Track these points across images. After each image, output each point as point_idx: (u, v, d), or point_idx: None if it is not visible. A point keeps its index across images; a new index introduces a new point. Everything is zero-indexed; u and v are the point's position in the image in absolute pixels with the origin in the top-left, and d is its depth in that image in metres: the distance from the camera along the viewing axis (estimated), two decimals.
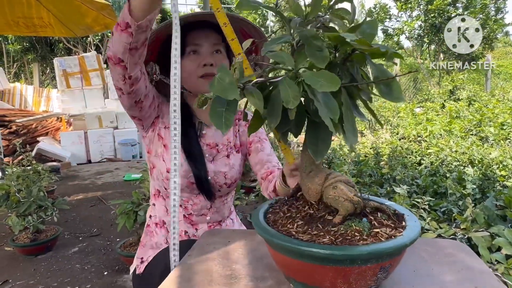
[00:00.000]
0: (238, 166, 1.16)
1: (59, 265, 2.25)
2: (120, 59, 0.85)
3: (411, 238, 0.58)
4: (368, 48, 0.61)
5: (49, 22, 4.90)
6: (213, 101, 0.54)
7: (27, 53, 10.61)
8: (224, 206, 1.18)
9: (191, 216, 1.12)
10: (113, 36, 0.84)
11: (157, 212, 1.15)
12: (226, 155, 1.14)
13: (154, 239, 1.15)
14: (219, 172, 1.11)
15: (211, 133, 1.13)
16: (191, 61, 1.05)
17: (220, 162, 1.13)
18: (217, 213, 1.15)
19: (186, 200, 1.11)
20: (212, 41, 1.06)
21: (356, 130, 0.64)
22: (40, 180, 2.69)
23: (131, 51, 0.84)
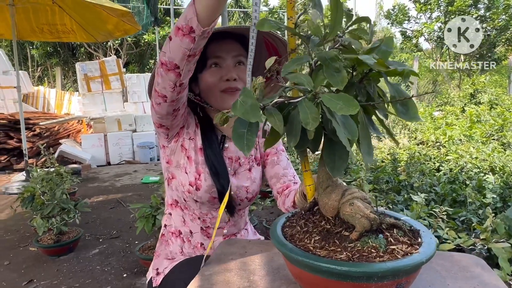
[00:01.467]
0: (259, 179, 1.16)
1: (81, 266, 2.32)
2: (176, 65, 0.82)
3: (427, 255, 0.59)
4: (386, 69, 0.62)
5: (72, 28, 5.06)
6: (235, 122, 0.56)
7: (50, 57, 10.96)
8: (241, 219, 1.18)
9: (208, 229, 1.12)
10: (170, 41, 0.80)
11: (174, 221, 1.15)
12: (248, 168, 1.13)
13: (169, 248, 1.15)
14: (241, 187, 1.10)
15: (234, 147, 1.11)
16: (213, 75, 1.03)
17: (242, 176, 1.12)
18: (234, 226, 1.16)
19: (205, 214, 1.10)
20: (234, 53, 1.03)
21: (372, 149, 0.65)
22: (63, 182, 2.78)
23: (189, 58, 0.81)
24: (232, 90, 1.03)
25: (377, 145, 4.41)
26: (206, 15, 0.74)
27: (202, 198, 1.05)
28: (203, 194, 1.05)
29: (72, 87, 12.26)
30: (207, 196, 1.05)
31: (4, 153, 5.51)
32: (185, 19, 0.75)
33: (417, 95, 0.64)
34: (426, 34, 11.27)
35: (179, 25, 0.77)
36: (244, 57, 1.05)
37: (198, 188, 1.04)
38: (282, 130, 0.57)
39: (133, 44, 11.64)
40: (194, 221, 1.11)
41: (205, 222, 1.11)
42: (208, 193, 1.05)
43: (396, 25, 12.15)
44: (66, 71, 12.15)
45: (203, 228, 1.12)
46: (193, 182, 1.05)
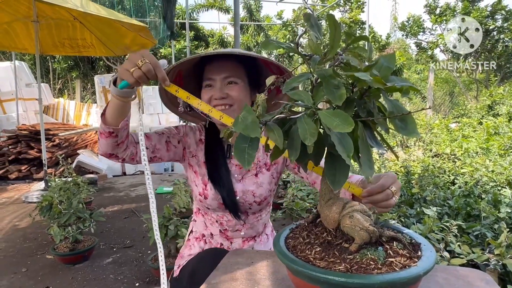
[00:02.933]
0: (267, 184, 1.21)
1: (95, 274, 2.37)
2: (111, 154, 1.04)
3: (425, 268, 0.60)
4: (383, 86, 0.65)
5: (92, 42, 5.26)
6: (237, 138, 0.59)
7: (71, 70, 11.33)
8: (258, 222, 1.24)
9: (226, 231, 1.21)
10: (99, 141, 1.02)
11: (198, 227, 1.26)
12: (255, 173, 1.21)
13: (191, 251, 1.25)
14: (247, 191, 1.18)
15: None
16: (205, 94, 1.13)
17: (249, 181, 1.19)
18: (251, 229, 1.22)
19: (221, 217, 1.20)
20: (224, 75, 1.11)
21: (373, 163, 0.67)
22: (79, 192, 2.86)
23: (119, 145, 1.02)
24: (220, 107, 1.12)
25: (390, 158, 4.37)
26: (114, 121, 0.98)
27: (211, 205, 1.17)
28: (211, 201, 1.16)
29: (91, 99, 12.62)
30: (215, 203, 1.16)
31: (25, 162, 5.69)
32: (101, 126, 0.99)
33: (414, 111, 0.66)
34: (441, 45, 11.16)
35: (100, 131, 1.00)
36: (236, 77, 1.13)
37: (206, 197, 1.17)
38: (282, 145, 0.60)
39: None
40: (213, 224, 1.22)
41: (222, 225, 1.21)
42: (216, 200, 1.16)
43: (411, 37, 12.09)
44: (85, 83, 12.53)
45: (221, 231, 1.22)
46: (201, 192, 1.18)
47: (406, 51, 17.42)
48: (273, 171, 1.24)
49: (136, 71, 0.86)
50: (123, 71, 0.88)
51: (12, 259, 2.64)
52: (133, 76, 0.86)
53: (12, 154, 5.63)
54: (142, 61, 0.86)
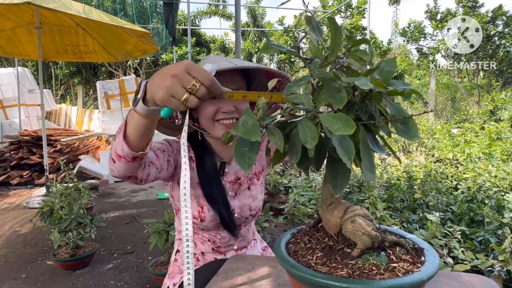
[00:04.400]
0: (260, 194, 1.20)
1: (95, 280, 2.35)
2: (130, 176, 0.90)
3: (428, 274, 0.59)
4: (384, 90, 0.64)
5: (94, 49, 5.29)
6: (237, 141, 0.59)
7: (73, 76, 11.39)
8: (249, 232, 1.23)
9: (219, 248, 1.17)
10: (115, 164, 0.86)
11: None
12: (247, 187, 1.18)
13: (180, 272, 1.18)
14: (244, 206, 1.15)
15: (233, 169, 1.16)
16: (211, 106, 1.03)
17: (243, 196, 1.17)
18: (244, 240, 1.21)
19: (214, 235, 1.15)
20: (233, 87, 1.02)
21: (374, 167, 0.66)
22: (80, 197, 2.85)
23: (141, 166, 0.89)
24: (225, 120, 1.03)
25: (392, 163, 4.36)
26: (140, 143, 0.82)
27: (208, 226, 1.11)
28: (208, 223, 1.10)
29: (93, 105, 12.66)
30: (212, 224, 1.11)
31: (27, 168, 5.70)
32: (122, 149, 0.81)
33: (416, 114, 0.66)
34: (442, 51, 11.18)
35: (119, 153, 0.83)
36: (243, 89, 1.08)
37: (203, 220, 1.09)
38: (283, 148, 0.59)
39: (152, 63, 11.99)
40: (204, 243, 1.16)
41: (215, 243, 1.16)
42: (214, 221, 1.10)
43: (412, 42, 12.11)
44: (88, 89, 12.59)
45: (214, 248, 1.17)
46: (197, 215, 1.10)
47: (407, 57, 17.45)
48: (262, 179, 1.24)
49: (191, 99, 0.66)
50: (167, 98, 0.66)
51: (12, 265, 2.63)
52: (185, 105, 0.66)
53: (14, 160, 5.63)
54: (196, 85, 0.66)
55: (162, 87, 0.67)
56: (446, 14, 10.89)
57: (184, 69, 0.66)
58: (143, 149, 0.83)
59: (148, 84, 0.71)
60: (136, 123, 0.77)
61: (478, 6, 10.68)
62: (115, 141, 0.83)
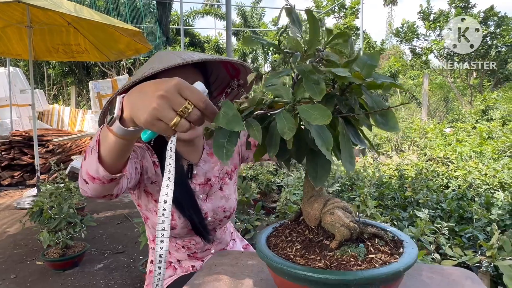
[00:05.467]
0: (233, 193, 1.17)
1: (85, 280, 2.34)
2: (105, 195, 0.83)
3: (405, 264, 0.59)
4: (362, 81, 0.64)
5: (85, 48, 5.25)
6: (216, 133, 0.59)
7: (66, 76, 11.31)
8: (225, 234, 1.20)
9: (195, 254, 1.13)
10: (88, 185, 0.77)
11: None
12: (219, 187, 1.14)
13: None
14: (217, 209, 1.12)
15: (202, 171, 1.12)
16: None
17: (215, 197, 1.13)
18: (221, 243, 1.18)
19: (188, 241, 1.11)
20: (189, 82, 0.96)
21: (353, 158, 0.66)
22: (71, 197, 2.83)
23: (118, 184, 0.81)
24: None
25: (385, 162, 4.38)
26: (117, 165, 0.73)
27: (180, 233, 1.06)
28: (180, 230, 1.05)
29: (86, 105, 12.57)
30: (184, 231, 1.06)
31: (18, 169, 5.64)
32: (96, 171, 0.72)
33: (394, 106, 0.66)
34: (435, 51, 11.26)
35: (93, 175, 0.73)
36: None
37: (174, 227, 1.04)
38: (261, 140, 0.59)
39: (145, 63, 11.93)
40: (179, 251, 1.12)
41: (190, 249, 1.12)
42: (185, 228, 1.05)
43: (405, 43, 12.19)
44: (81, 89, 12.50)
45: (190, 255, 1.13)
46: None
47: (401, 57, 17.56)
48: (235, 177, 1.21)
49: (182, 123, 0.57)
50: (153, 121, 0.56)
51: (1, 265, 2.60)
52: (174, 130, 0.58)
53: (5, 160, 5.58)
54: (189, 107, 0.57)
55: (147, 108, 0.56)
56: (439, 15, 10.98)
57: (174, 89, 0.57)
58: (120, 170, 0.75)
59: (126, 101, 0.61)
60: (111, 143, 0.67)
61: (470, 6, 10.78)
62: (86, 161, 0.73)
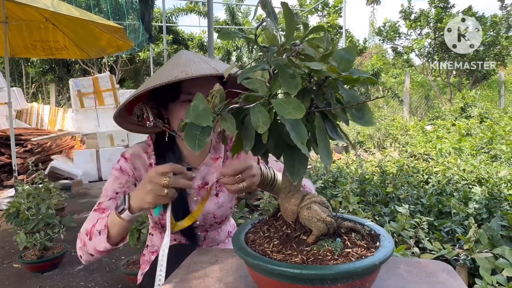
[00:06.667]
0: (227, 203, 1.16)
1: (64, 282, 2.28)
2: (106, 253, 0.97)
3: (381, 258, 0.59)
4: (338, 75, 0.64)
5: (65, 45, 5.12)
6: (188, 126, 0.58)
7: (45, 74, 11.02)
8: (219, 234, 1.20)
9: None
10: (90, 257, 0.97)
11: (155, 241, 1.19)
12: (215, 193, 1.15)
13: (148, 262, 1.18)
14: (207, 214, 1.12)
15: (200, 174, 1.13)
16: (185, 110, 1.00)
17: (209, 202, 1.12)
18: (213, 242, 1.18)
19: (179, 237, 1.14)
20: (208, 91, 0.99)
21: (330, 152, 0.66)
22: (50, 198, 2.76)
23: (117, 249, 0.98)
24: None
25: (367, 158, 4.44)
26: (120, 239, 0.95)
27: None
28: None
29: (67, 104, 12.29)
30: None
31: None
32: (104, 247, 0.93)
33: (369, 100, 0.66)
34: (416, 50, 11.48)
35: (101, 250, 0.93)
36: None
37: (163, 226, 1.07)
38: (235, 133, 0.58)
39: (128, 61, 11.75)
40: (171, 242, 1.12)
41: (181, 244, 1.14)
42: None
43: (388, 42, 12.38)
44: (61, 87, 12.21)
45: None
46: (157, 221, 1.11)
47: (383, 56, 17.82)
48: None
49: (170, 192, 0.83)
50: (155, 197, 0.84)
51: None
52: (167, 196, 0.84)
53: None
54: (166, 179, 0.83)
55: (146, 192, 0.84)
56: (420, 14, 11.19)
57: (153, 173, 0.84)
58: (124, 240, 0.96)
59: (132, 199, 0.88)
60: (119, 226, 0.90)
61: (450, 6, 11.02)
62: (93, 241, 0.93)
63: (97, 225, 0.93)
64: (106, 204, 1.02)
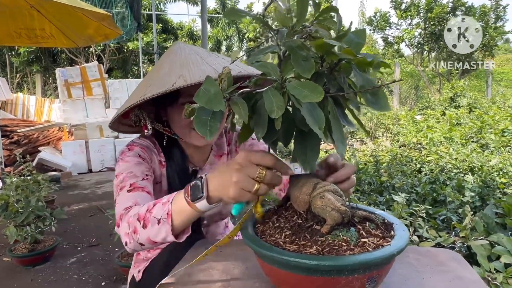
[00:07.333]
0: None
1: (57, 275, 2.24)
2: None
3: (398, 247, 0.57)
4: (353, 58, 0.61)
5: (51, 33, 4.96)
6: (198, 111, 0.54)
7: (31, 64, 10.72)
8: (218, 227, 1.20)
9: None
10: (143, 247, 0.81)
11: None
12: None
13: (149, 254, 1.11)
14: (215, 215, 1.11)
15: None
16: None
17: None
18: (213, 235, 1.18)
19: None
20: None
21: (345, 139, 0.64)
22: (39, 190, 2.69)
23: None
24: None
25: (360, 148, 4.45)
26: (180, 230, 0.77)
27: None
28: None
29: (54, 94, 12.01)
30: None
31: None
32: (164, 239, 0.76)
33: (385, 84, 0.64)
34: (407, 40, 11.51)
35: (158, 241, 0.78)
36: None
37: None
38: (247, 119, 0.55)
39: (116, 50, 11.50)
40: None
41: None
42: None
43: (378, 32, 12.37)
44: (47, 77, 11.91)
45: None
46: None
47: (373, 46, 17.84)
48: None
49: (262, 188, 0.65)
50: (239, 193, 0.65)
51: None
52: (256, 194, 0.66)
53: None
54: (262, 172, 0.65)
55: (229, 183, 0.66)
56: (410, 4, 11.19)
57: (245, 160, 0.66)
58: (186, 233, 0.79)
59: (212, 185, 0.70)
60: (189, 216, 0.74)
61: None
62: (148, 229, 0.76)
63: (155, 211, 0.76)
64: (141, 183, 0.91)
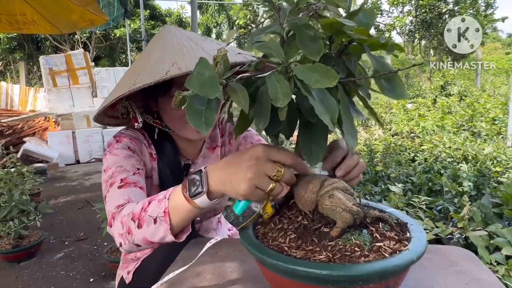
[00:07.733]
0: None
1: (43, 272, 2.15)
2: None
3: (418, 252, 0.51)
4: (367, 38, 0.54)
5: (33, 19, 4.75)
6: (190, 99, 0.46)
7: (13, 52, 10.36)
8: (212, 222, 1.15)
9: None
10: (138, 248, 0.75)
11: None
12: None
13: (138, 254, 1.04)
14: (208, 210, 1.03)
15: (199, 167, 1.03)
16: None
17: None
18: (206, 231, 1.13)
19: None
20: None
21: (356, 131, 0.57)
22: (23, 183, 2.58)
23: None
24: None
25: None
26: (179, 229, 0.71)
27: None
28: None
29: (38, 83, 11.68)
30: None
31: None
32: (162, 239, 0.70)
33: (403, 69, 0.57)
34: (398, 28, 11.46)
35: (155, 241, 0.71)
36: None
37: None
38: (248, 108, 0.47)
39: (103, 37, 11.19)
40: None
41: None
42: None
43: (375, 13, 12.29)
44: (31, 65, 11.56)
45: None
46: None
47: None
48: None
49: (277, 188, 0.58)
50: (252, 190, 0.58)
51: None
52: (270, 193, 0.59)
53: None
54: (281, 170, 0.58)
55: (243, 180, 0.58)
56: None
57: (263, 155, 0.58)
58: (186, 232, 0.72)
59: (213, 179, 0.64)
60: (188, 213, 0.67)
61: None
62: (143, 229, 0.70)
63: (150, 209, 0.70)
64: (133, 178, 0.84)
